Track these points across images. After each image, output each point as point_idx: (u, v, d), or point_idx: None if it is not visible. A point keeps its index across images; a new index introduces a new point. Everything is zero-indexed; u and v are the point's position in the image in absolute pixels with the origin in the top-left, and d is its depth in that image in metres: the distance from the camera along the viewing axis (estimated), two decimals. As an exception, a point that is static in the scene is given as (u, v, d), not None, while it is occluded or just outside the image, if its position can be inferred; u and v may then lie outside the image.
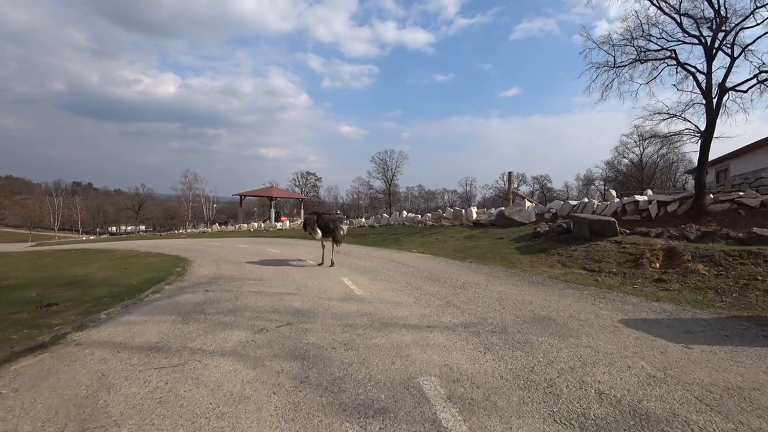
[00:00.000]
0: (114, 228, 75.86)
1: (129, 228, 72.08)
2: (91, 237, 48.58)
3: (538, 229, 13.26)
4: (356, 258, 11.05)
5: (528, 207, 20.36)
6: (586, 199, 17.50)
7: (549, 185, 75.68)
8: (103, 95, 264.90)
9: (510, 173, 33.88)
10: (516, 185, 78.87)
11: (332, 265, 9.09)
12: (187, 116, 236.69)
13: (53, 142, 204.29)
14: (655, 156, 56.24)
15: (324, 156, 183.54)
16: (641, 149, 56.84)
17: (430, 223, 22.35)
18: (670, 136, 21.31)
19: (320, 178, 79.71)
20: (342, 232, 9.29)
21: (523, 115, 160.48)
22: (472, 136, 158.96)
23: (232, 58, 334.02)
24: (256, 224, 38.81)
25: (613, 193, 17.07)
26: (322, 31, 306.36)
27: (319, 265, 9.41)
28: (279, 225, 35.56)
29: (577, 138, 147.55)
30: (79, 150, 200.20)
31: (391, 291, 6.35)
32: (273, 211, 43.58)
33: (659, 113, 22.96)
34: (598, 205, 16.01)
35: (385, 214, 30.97)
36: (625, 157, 58.47)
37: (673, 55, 20.46)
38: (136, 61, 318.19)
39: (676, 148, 54.42)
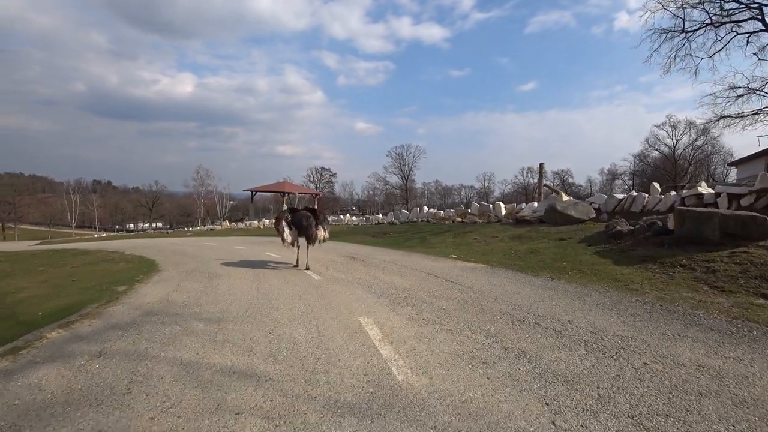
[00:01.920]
0: (132, 225, 74.09)
1: (146, 225, 70.10)
2: (103, 234, 46.48)
3: (618, 228, 9.68)
4: (379, 269, 7.64)
5: (567, 201, 17.07)
6: (634, 193, 14.08)
7: (570, 180, 70.89)
8: (123, 96, 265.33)
9: (542, 165, 30.10)
10: (536, 180, 74.38)
11: (307, 268, 7.53)
12: (205, 115, 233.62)
13: (75, 142, 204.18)
14: (690, 148, 51.40)
15: (339, 153, 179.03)
16: (674, 140, 52.11)
17: (459, 220, 18.82)
18: (746, 116, 17.33)
19: (335, 173, 75.93)
20: (319, 232, 7.71)
21: (539, 110, 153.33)
22: (487, 132, 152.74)
23: (248, 56, 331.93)
24: (267, 221, 35.76)
25: (657, 186, 13.96)
26: (337, 28, 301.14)
27: (294, 266, 7.84)
28: (291, 222, 32.40)
29: (595, 132, 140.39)
30: (100, 149, 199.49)
31: (467, 363, 2.89)
32: (285, 207, 40.47)
33: (733, 89, 18.66)
34: (648, 199, 12.88)
35: (404, 210, 27.54)
36: (656, 149, 53.60)
37: (760, 15, 16.27)
38: (155, 62, 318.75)
39: (714, 138, 49.59)
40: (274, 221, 9.25)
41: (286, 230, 7.35)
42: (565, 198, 18.29)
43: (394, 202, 64.24)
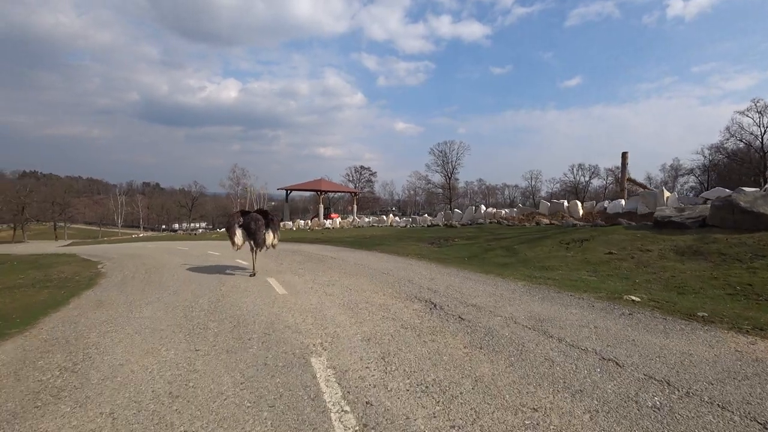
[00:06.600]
0: (176, 225, 73.66)
1: (186, 226, 68.96)
2: (141, 234, 44.82)
3: None
4: (535, 372, 2.76)
5: (667, 198, 11.90)
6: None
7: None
8: (172, 103, 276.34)
9: (624, 155, 23.89)
10: (588, 178, 66.67)
11: (253, 274, 7.11)
12: (248, 119, 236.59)
13: (129, 147, 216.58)
14: (782, 136, 42.62)
15: (379, 153, 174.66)
16: (762, 128, 43.49)
17: (545, 221, 13.59)
18: None
19: (375, 172, 71.28)
20: (267, 237, 7.16)
21: (583, 105, 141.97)
22: (528, 130, 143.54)
23: (289, 61, 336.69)
24: (302, 222, 31.80)
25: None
26: (377, 29, 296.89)
27: (251, 276, 7.08)
28: (328, 223, 28.23)
29: (644, 128, 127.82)
30: (151, 153, 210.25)
31: None
32: (321, 206, 36.34)
33: None
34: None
35: (456, 210, 22.50)
36: (740, 139, 45.04)
37: None
38: (201, 70, 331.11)
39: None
40: (225, 226, 8.25)
41: (238, 233, 7.02)
42: (667, 194, 12.53)
43: (436, 202, 58.90)
